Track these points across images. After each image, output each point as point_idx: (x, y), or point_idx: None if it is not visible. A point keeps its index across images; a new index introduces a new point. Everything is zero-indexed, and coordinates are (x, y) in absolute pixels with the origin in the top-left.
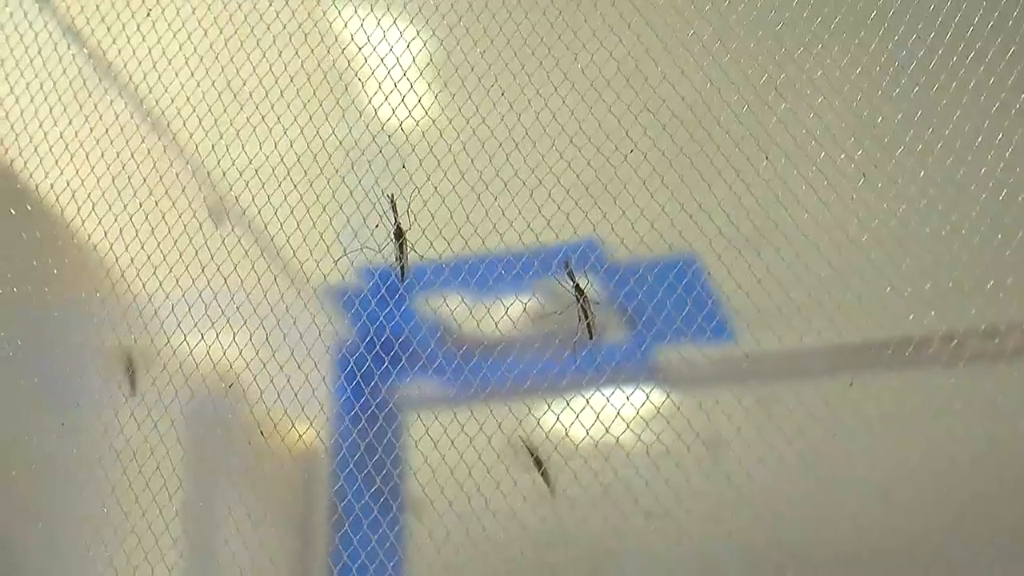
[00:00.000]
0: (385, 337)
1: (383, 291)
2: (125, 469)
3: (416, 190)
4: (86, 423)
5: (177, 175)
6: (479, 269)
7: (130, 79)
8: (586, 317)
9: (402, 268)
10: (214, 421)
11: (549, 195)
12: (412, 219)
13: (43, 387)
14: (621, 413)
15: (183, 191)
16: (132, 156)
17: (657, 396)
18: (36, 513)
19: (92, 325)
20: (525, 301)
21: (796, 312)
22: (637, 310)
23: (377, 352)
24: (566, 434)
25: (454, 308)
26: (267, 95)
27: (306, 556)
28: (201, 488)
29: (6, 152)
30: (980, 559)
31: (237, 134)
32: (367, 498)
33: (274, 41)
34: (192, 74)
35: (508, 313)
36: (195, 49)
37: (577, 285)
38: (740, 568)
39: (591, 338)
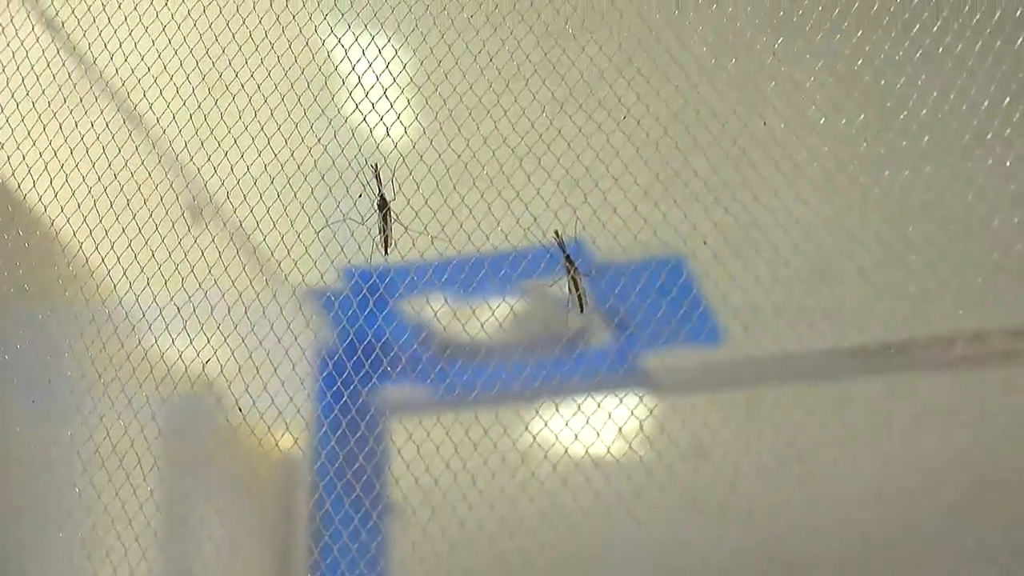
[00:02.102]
0: (367, 340)
1: (364, 291)
2: (92, 479)
3: (399, 187)
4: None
5: (150, 174)
6: (463, 270)
7: (101, 74)
8: (576, 288)
9: (385, 239)
10: (191, 426)
11: (538, 192)
12: (397, 189)
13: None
14: (608, 417)
15: (159, 191)
16: (103, 154)
17: (644, 400)
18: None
19: (66, 320)
20: (510, 303)
21: (783, 315)
22: (624, 313)
23: (358, 355)
24: (555, 438)
25: (437, 310)
26: (243, 86)
27: (285, 565)
28: (175, 495)
29: None
30: (963, 559)
31: (212, 133)
32: (347, 506)
33: (250, 36)
34: (164, 66)
35: (493, 315)
36: (169, 40)
37: (568, 256)
38: (730, 568)
39: (581, 311)
